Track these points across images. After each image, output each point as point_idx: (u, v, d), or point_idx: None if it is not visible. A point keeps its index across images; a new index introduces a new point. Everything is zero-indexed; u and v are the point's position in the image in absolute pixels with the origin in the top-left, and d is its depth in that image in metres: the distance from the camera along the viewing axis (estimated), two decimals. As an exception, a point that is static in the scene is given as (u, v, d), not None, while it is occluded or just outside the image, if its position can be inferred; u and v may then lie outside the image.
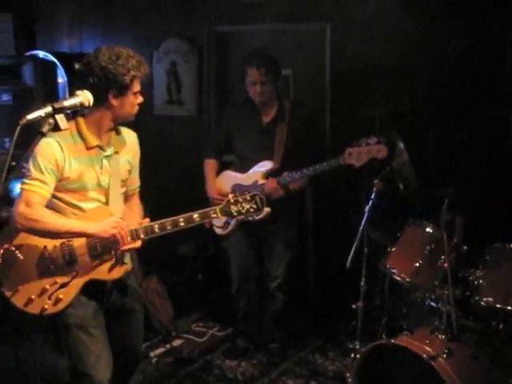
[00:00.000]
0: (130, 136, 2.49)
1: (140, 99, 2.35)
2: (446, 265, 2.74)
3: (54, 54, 3.93)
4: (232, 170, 3.54)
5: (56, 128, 1.74)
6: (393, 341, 2.66)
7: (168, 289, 4.11)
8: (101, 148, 2.33)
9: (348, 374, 2.98)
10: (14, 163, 1.78)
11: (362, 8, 3.83)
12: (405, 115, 3.68)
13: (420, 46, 3.67)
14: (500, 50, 3.44)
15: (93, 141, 2.30)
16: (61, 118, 1.75)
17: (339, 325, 3.88)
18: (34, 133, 1.81)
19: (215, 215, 2.33)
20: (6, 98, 3.66)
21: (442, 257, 2.80)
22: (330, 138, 4.02)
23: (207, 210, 2.34)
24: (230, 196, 2.36)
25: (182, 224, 2.31)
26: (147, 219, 2.39)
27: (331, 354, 3.68)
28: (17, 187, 3.74)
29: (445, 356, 2.53)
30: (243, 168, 3.46)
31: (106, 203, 2.38)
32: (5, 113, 3.65)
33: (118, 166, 2.40)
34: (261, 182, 3.35)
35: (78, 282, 2.33)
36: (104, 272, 2.36)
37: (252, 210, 2.34)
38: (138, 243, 2.34)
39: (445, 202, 2.76)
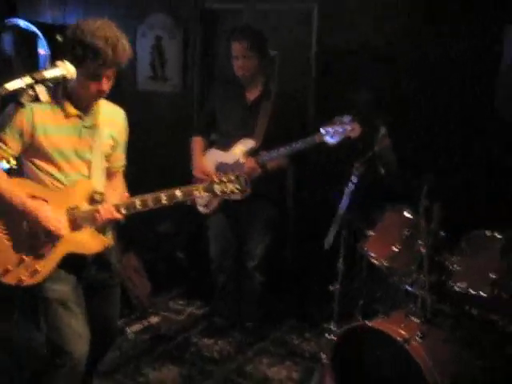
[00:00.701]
0: (116, 112, 2.47)
1: (100, 86, 2.22)
2: (422, 250, 2.77)
3: (35, 24, 3.85)
4: (216, 148, 3.52)
5: (36, 99, 1.71)
6: (368, 323, 2.69)
7: (146, 266, 4.10)
8: (80, 117, 2.30)
9: (323, 355, 3.02)
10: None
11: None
12: (388, 100, 3.69)
13: (407, 29, 3.65)
14: (485, 39, 3.44)
15: (70, 110, 2.27)
16: (41, 90, 1.71)
17: (316, 306, 3.92)
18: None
19: (198, 193, 2.30)
20: (-17, 66, 3.59)
21: (420, 242, 2.83)
22: (313, 120, 4.01)
23: (190, 186, 2.32)
24: (215, 176, 2.33)
25: (164, 201, 2.28)
26: (127, 194, 2.40)
27: (307, 334, 3.73)
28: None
29: (418, 339, 2.57)
30: (226, 145, 3.44)
31: (89, 176, 2.36)
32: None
33: (101, 140, 2.36)
34: (242, 160, 3.34)
35: (56, 255, 2.32)
36: (83, 245, 2.35)
37: (236, 190, 2.30)
38: (118, 215, 2.30)
39: (424, 188, 2.78)
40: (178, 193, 2.28)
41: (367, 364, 2.78)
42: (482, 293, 2.72)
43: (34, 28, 3.78)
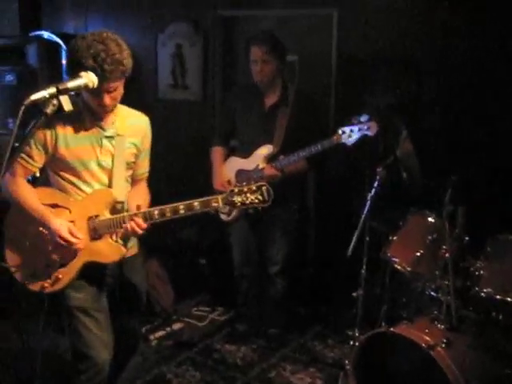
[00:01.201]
0: (139, 120, 2.48)
1: (101, 101, 2.21)
2: (447, 255, 2.74)
3: (58, 35, 3.92)
4: (236, 155, 3.53)
5: (60, 109, 1.73)
6: (392, 329, 2.67)
7: (169, 273, 4.12)
8: (101, 128, 2.33)
9: (347, 362, 2.99)
10: (17, 144, 1.78)
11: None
12: (409, 104, 3.66)
13: (427, 34, 3.63)
14: (505, 43, 3.41)
15: (90, 121, 2.30)
16: (65, 99, 1.74)
17: (339, 312, 3.90)
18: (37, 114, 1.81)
19: (216, 204, 2.25)
20: (9, 78, 3.66)
21: (444, 247, 2.80)
22: (333, 124, 3.99)
23: (209, 198, 2.27)
24: (235, 186, 2.27)
25: (181, 211, 2.25)
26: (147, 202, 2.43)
27: (330, 340, 3.70)
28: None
29: (443, 345, 2.53)
30: (246, 152, 3.45)
31: (110, 185, 2.38)
32: (9, 93, 3.65)
33: (123, 148, 2.38)
34: (262, 166, 3.35)
35: (77, 263, 2.35)
36: (101, 254, 2.36)
37: (257, 201, 2.22)
38: (140, 228, 2.29)
39: (448, 192, 2.74)
40: (195, 204, 2.25)
41: (391, 371, 2.75)
42: (508, 298, 2.68)
43: (57, 39, 3.84)
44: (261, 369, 3.42)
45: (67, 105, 1.75)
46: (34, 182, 2.46)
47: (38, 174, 2.47)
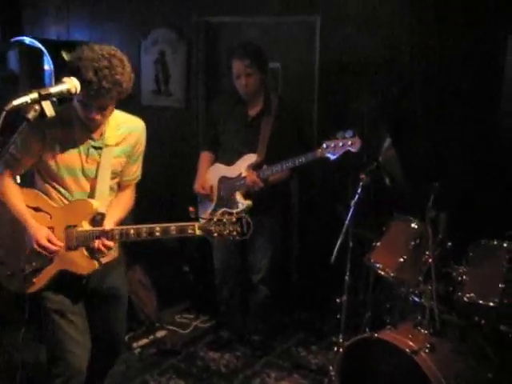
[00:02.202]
0: (132, 125, 2.44)
1: (90, 115, 2.20)
2: (430, 260, 2.76)
3: (40, 41, 3.88)
4: (220, 162, 3.54)
5: (42, 115, 1.72)
6: (376, 335, 2.68)
7: (152, 280, 4.09)
8: (90, 138, 2.32)
9: (331, 368, 3.00)
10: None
11: (352, 1, 3.83)
12: (392, 110, 3.69)
13: (410, 40, 3.66)
14: (491, 45, 3.45)
15: (79, 130, 2.29)
16: (47, 105, 1.72)
17: (323, 318, 3.90)
18: (19, 119, 1.79)
19: (192, 231, 2.24)
20: (-10, 84, 3.62)
21: (427, 252, 2.82)
22: (317, 132, 4.01)
23: (186, 224, 2.27)
24: (216, 214, 2.25)
25: (157, 233, 2.27)
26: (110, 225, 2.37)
27: (314, 347, 3.70)
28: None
29: (427, 350, 2.55)
30: (229, 160, 3.45)
31: (92, 194, 2.36)
32: (-11, 99, 3.59)
33: (109, 158, 2.36)
34: (244, 174, 3.35)
35: (51, 270, 2.36)
36: (74, 265, 2.36)
37: (235, 233, 2.21)
38: (106, 247, 2.31)
39: (430, 198, 2.77)
40: (172, 228, 2.26)
41: (375, 376, 2.75)
42: (490, 303, 2.70)
43: (38, 44, 3.80)
44: (245, 376, 3.40)
45: (49, 110, 1.73)
46: (22, 181, 2.47)
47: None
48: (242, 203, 3.36)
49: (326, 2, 3.90)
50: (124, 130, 2.40)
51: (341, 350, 2.88)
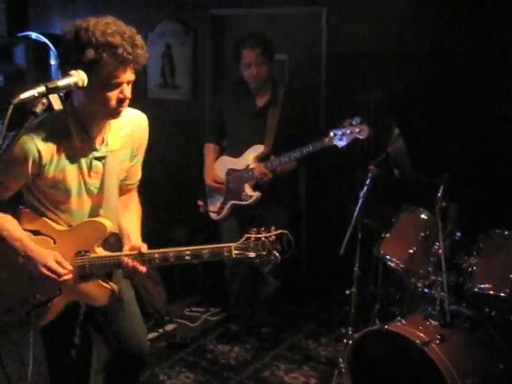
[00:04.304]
0: (136, 124, 2.11)
1: (120, 94, 1.87)
2: (440, 251, 2.74)
3: (46, 36, 3.88)
4: (227, 154, 3.52)
5: (49, 108, 1.70)
6: (386, 326, 2.66)
7: (161, 273, 4.10)
8: (91, 147, 1.99)
9: (341, 360, 2.99)
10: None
11: (358, -8, 3.80)
12: (401, 101, 3.66)
13: (417, 31, 3.63)
14: (499, 37, 3.42)
15: (80, 139, 1.96)
16: (54, 98, 1.70)
17: (332, 310, 3.90)
18: (26, 114, 1.77)
19: (228, 254, 1.98)
20: (-3, 78, 3.62)
21: (437, 243, 2.80)
22: (324, 123, 4.00)
23: (220, 246, 2.00)
24: (253, 233, 2.00)
25: (187, 258, 1.99)
26: (145, 246, 2.05)
27: (324, 339, 3.70)
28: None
29: (437, 342, 2.53)
30: (236, 152, 3.44)
31: (96, 212, 2.06)
32: (-3, 93, 3.61)
33: (115, 165, 2.06)
34: (252, 166, 3.34)
35: (60, 302, 2.08)
36: (91, 297, 2.09)
37: (275, 252, 1.96)
38: (137, 272, 2.01)
39: (440, 189, 2.75)
40: (205, 252, 1.99)
41: (385, 368, 2.74)
42: (501, 293, 2.68)
43: (44, 39, 3.80)
44: (254, 368, 3.40)
45: (57, 104, 1.71)
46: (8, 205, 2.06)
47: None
48: (251, 195, 3.35)
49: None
50: (127, 130, 2.08)
51: (350, 341, 2.87)
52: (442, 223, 2.76)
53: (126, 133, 2.08)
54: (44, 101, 1.70)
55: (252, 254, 1.96)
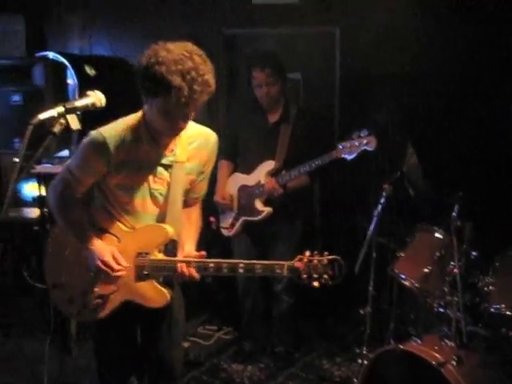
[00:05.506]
0: (204, 141, 2.19)
1: (179, 125, 1.98)
2: (455, 270, 2.71)
3: (64, 56, 3.93)
4: (239, 171, 3.55)
5: (67, 128, 1.74)
6: (402, 346, 2.64)
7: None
8: (158, 154, 2.09)
9: (355, 380, 2.96)
10: (24, 164, 1.76)
11: (371, 12, 3.83)
12: (415, 120, 3.67)
13: (430, 50, 3.65)
14: (509, 57, 3.42)
15: (148, 146, 2.06)
16: (72, 118, 1.74)
17: (346, 329, 3.86)
18: (44, 133, 1.80)
19: (280, 272, 2.01)
20: (16, 98, 3.67)
21: (452, 263, 2.77)
22: (338, 141, 4.00)
23: (273, 263, 2.04)
24: (306, 254, 2.03)
25: (240, 271, 2.03)
26: (203, 253, 2.14)
27: (338, 359, 3.66)
28: (25, 188, 3.80)
29: (454, 363, 2.50)
30: (248, 168, 3.47)
31: (160, 218, 2.14)
32: (15, 113, 3.66)
33: (180, 176, 2.13)
34: (263, 181, 3.36)
35: (116, 299, 2.14)
36: (146, 297, 2.13)
37: (326, 276, 1.97)
38: (191, 278, 2.08)
39: (455, 208, 2.73)
40: (257, 266, 2.03)
41: (400, 389, 2.71)
42: (518, 314, 2.65)
43: (62, 59, 3.85)
44: (268, 388, 3.38)
45: (75, 124, 1.74)
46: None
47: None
48: (263, 210, 3.36)
49: (345, 13, 3.91)
50: (195, 144, 2.16)
51: (365, 361, 2.85)
52: (458, 242, 2.74)
53: (194, 147, 2.16)
54: (62, 121, 1.74)
55: (303, 275, 1.98)
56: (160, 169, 2.10)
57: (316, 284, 1.98)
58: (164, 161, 2.10)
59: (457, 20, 3.55)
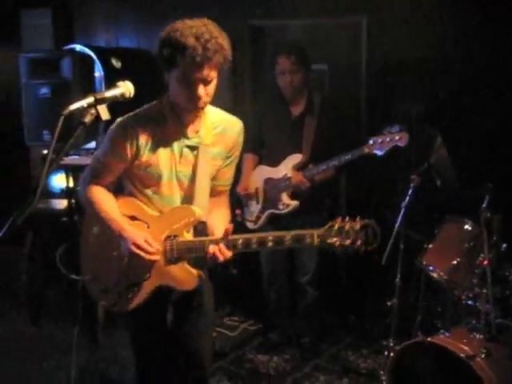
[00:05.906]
0: (230, 127, 2.21)
1: (197, 92, 1.97)
2: (485, 263, 2.68)
3: (90, 48, 3.96)
4: (264, 164, 3.54)
5: (97, 118, 1.75)
6: (430, 339, 2.62)
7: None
8: (184, 135, 2.11)
9: (382, 372, 2.95)
10: (53, 156, 1.78)
11: (398, 1, 3.78)
12: (443, 110, 3.62)
13: (458, 39, 3.59)
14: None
15: (174, 125, 2.09)
16: (102, 109, 1.75)
17: (373, 321, 3.85)
18: (71, 126, 1.82)
19: (310, 241, 1.93)
20: (44, 91, 3.71)
21: (481, 255, 2.74)
22: (365, 132, 3.97)
23: (303, 232, 1.95)
24: (337, 221, 1.93)
25: (270, 244, 1.97)
26: (229, 227, 2.07)
27: (364, 350, 3.64)
28: (53, 180, 3.85)
29: (483, 356, 2.48)
30: (274, 161, 3.45)
31: (187, 201, 2.15)
32: (44, 106, 3.70)
33: (207, 159, 2.13)
34: (290, 175, 3.34)
35: (149, 285, 2.15)
36: (175, 279, 2.13)
37: (359, 242, 1.87)
38: (223, 256, 2.03)
39: (485, 199, 2.69)
40: (287, 238, 1.96)
41: (427, 382, 2.69)
42: (549, 307, 2.61)
43: (89, 52, 3.89)
44: (293, 379, 3.38)
45: (105, 114, 1.76)
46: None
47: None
48: (289, 204, 3.36)
49: (372, 3, 3.86)
50: (220, 129, 2.18)
51: (392, 354, 2.83)
52: (488, 234, 2.70)
53: (218, 131, 2.18)
54: (92, 111, 1.75)
55: (335, 241, 1.89)
56: (186, 150, 2.12)
57: (349, 249, 1.88)
58: (189, 142, 2.12)
59: (489, 12, 3.48)
